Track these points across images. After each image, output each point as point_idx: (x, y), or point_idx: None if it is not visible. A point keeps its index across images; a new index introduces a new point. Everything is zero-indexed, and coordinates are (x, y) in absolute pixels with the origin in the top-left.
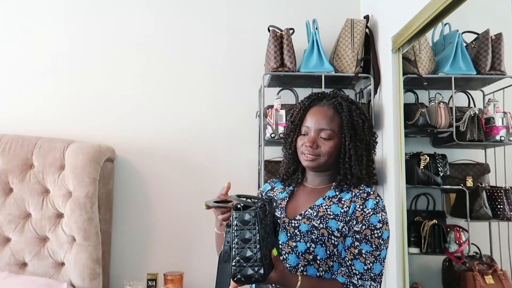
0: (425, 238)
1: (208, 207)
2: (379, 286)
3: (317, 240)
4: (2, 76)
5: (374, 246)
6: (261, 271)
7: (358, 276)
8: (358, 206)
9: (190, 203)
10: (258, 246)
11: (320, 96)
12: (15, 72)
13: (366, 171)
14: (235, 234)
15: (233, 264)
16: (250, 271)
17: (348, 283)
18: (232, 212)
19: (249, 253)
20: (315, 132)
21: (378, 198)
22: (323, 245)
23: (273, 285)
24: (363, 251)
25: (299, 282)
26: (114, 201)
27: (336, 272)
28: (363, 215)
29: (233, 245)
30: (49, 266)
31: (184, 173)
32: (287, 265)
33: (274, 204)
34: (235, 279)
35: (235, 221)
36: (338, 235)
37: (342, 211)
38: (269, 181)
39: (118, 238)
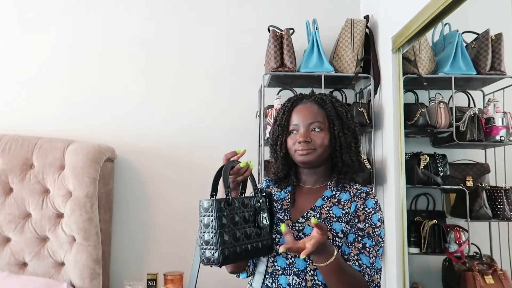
0: (425, 238)
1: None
2: (380, 281)
3: None
4: (2, 76)
5: (375, 241)
6: (216, 254)
7: (364, 269)
8: (359, 205)
9: (190, 203)
10: (214, 231)
11: (300, 97)
12: (15, 72)
13: (356, 157)
14: (199, 220)
15: (199, 247)
16: (208, 254)
17: (362, 270)
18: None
19: (207, 237)
20: (305, 127)
21: (376, 197)
22: None
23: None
24: (367, 245)
25: (336, 253)
26: (114, 201)
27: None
28: (365, 214)
29: (198, 230)
30: (49, 266)
31: (184, 173)
32: (295, 269)
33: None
34: (201, 260)
35: (200, 208)
36: (342, 235)
37: (344, 212)
38: (265, 179)
39: (118, 238)
